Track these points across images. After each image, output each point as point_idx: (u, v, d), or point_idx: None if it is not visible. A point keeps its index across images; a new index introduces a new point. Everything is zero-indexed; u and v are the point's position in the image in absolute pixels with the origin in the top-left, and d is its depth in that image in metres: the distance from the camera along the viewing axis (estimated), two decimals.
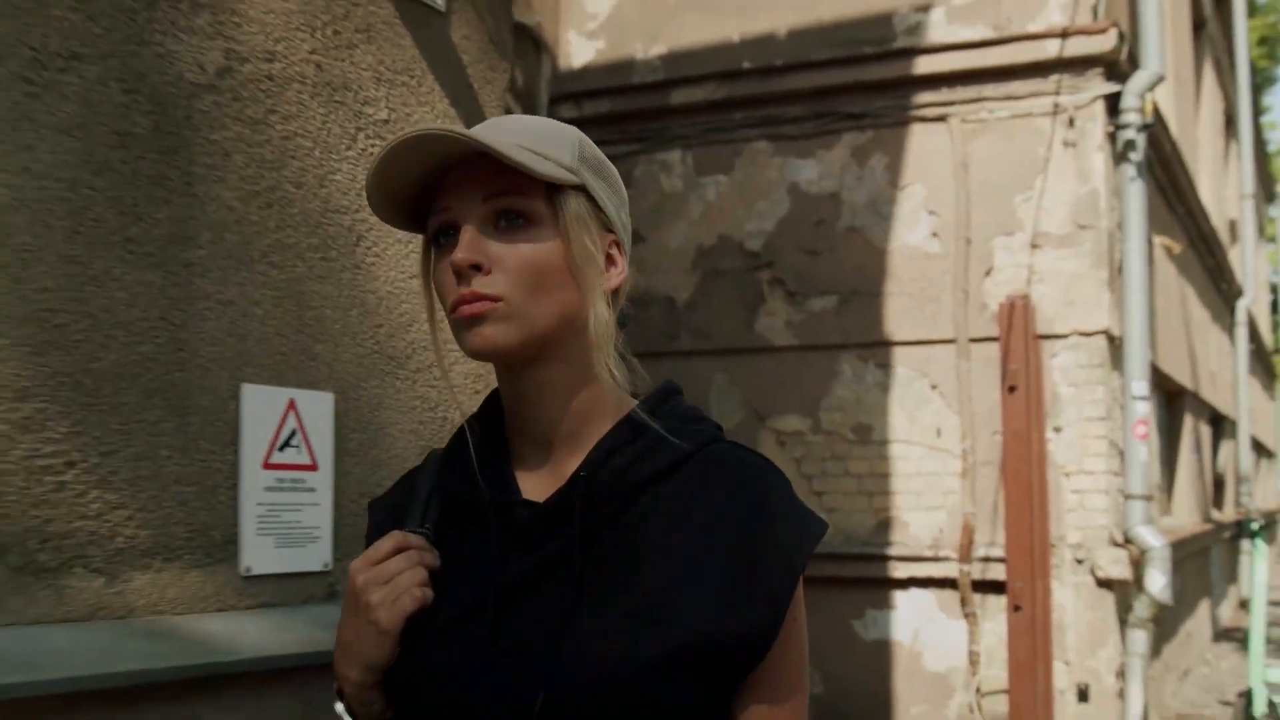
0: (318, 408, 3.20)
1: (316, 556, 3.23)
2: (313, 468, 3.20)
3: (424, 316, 2.00)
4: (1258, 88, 26.52)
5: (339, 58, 3.35)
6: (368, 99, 3.45)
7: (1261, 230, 21.74)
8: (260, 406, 3.04)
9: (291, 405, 3.12)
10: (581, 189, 1.25)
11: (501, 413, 1.33)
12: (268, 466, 3.06)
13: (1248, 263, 16.04)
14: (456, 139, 1.18)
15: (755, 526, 1.23)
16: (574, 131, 1.30)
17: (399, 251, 3.56)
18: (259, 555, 3.04)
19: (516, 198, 1.22)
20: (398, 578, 1.24)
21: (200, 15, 2.91)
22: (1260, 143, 21.99)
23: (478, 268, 1.21)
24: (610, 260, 1.29)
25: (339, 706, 1.31)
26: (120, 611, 2.66)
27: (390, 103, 3.55)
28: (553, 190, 1.23)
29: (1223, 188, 15.94)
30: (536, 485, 1.28)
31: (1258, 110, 21.58)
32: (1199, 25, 14.03)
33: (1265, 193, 23.37)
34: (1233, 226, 16.64)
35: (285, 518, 3.11)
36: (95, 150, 2.65)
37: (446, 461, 1.35)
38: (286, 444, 3.11)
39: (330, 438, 3.26)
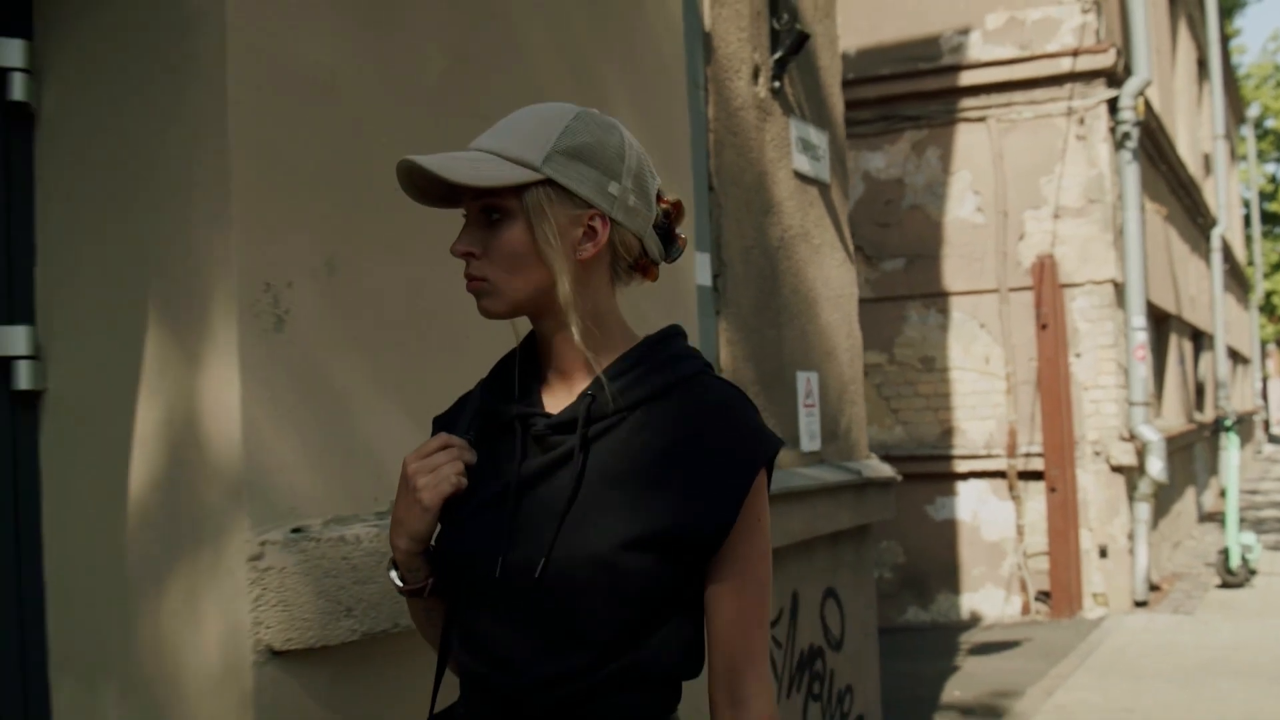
0: None
1: None
2: None
3: None
4: (1227, 11, 29.10)
5: None
6: None
7: (1233, 153, 24.45)
8: None
9: None
10: (546, 182, 1.51)
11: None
12: None
13: (1221, 194, 18.77)
14: (423, 169, 1.49)
15: (718, 440, 1.55)
16: (562, 121, 1.54)
17: None
18: None
19: (493, 198, 1.52)
20: (441, 468, 1.58)
21: None
22: (1229, 72, 24.53)
23: (471, 255, 1.55)
24: (590, 232, 1.54)
25: (392, 573, 1.66)
26: None
27: None
28: (521, 187, 1.50)
29: (1197, 128, 18.62)
30: (557, 403, 1.60)
31: (1226, 37, 24.02)
32: None
33: (1235, 116, 25.98)
34: (1206, 160, 19.36)
35: None
36: None
37: (489, 383, 1.67)
38: None
39: None
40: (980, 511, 10.09)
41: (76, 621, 2.14)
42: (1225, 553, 10.58)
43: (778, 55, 4.06)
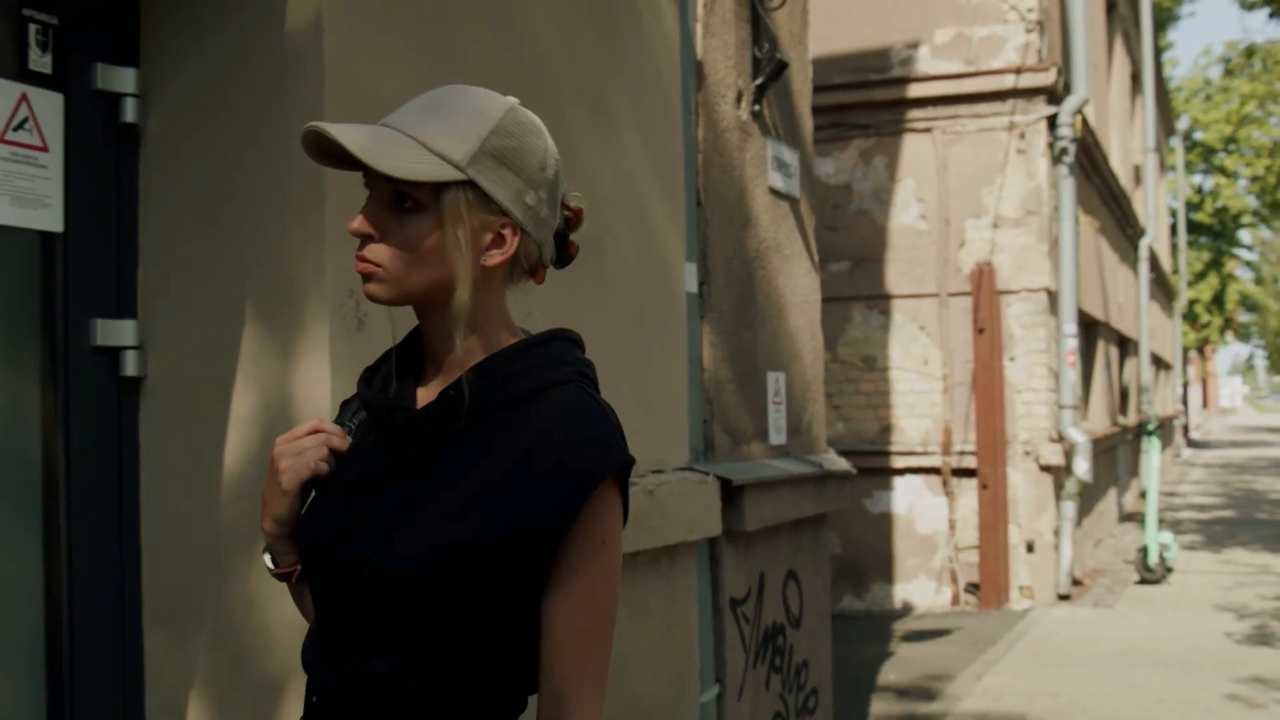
0: None
1: None
2: None
3: None
4: (1160, 24, 29.97)
5: None
6: None
7: (1163, 165, 25.25)
8: None
9: None
10: (466, 183, 1.44)
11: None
12: None
13: (1150, 205, 19.47)
14: (331, 138, 1.41)
15: (553, 450, 1.46)
16: (492, 118, 1.47)
17: None
18: None
19: (409, 185, 1.43)
20: (306, 452, 1.55)
21: None
22: (1161, 85, 25.31)
23: (370, 237, 1.47)
24: (498, 240, 1.48)
25: (265, 555, 1.64)
26: None
27: None
28: (441, 183, 1.43)
29: (1129, 140, 19.29)
30: (431, 397, 1.54)
31: (1158, 50, 24.80)
32: (1111, 7, 17.24)
33: (1166, 128, 26.80)
34: (1137, 172, 20.05)
35: None
36: None
37: (366, 372, 1.63)
38: None
39: None
40: (915, 506, 10.56)
41: (169, 579, 2.46)
42: (1144, 551, 11.14)
43: (759, 81, 4.44)
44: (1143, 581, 11.10)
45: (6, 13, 2.28)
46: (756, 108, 4.42)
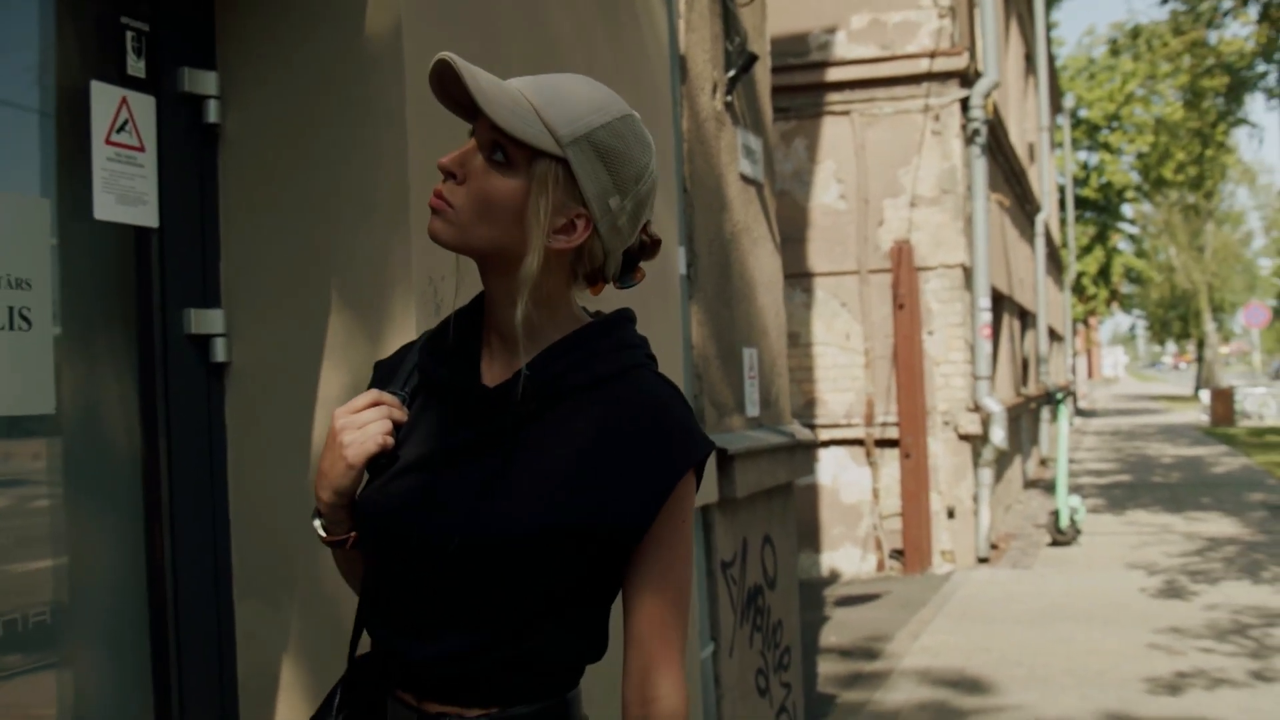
0: None
1: None
2: None
3: None
4: (1047, 4, 30.86)
5: None
6: None
7: (1052, 142, 26.07)
8: None
9: None
10: (561, 160, 1.47)
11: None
12: None
13: (1045, 181, 20.16)
14: (462, 79, 1.45)
15: (647, 437, 1.52)
16: (608, 115, 1.51)
17: None
18: None
19: (509, 140, 1.46)
20: (368, 425, 1.56)
21: None
22: (1050, 64, 26.13)
23: (453, 175, 1.50)
24: (569, 226, 1.51)
25: (316, 522, 1.65)
26: None
27: None
28: (538, 150, 1.47)
29: (1024, 119, 19.94)
30: (496, 373, 1.57)
31: (1047, 26, 25.57)
32: None
33: (1054, 106, 27.67)
34: (1031, 150, 20.72)
35: None
36: None
37: (428, 344, 1.64)
38: None
39: None
40: (840, 476, 10.94)
41: (258, 553, 2.64)
42: (1056, 514, 11.67)
43: (731, 74, 4.68)
44: (1055, 543, 11.63)
45: (107, 21, 2.44)
46: (729, 98, 4.66)
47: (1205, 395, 33.23)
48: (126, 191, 2.44)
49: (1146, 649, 7.34)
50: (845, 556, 10.88)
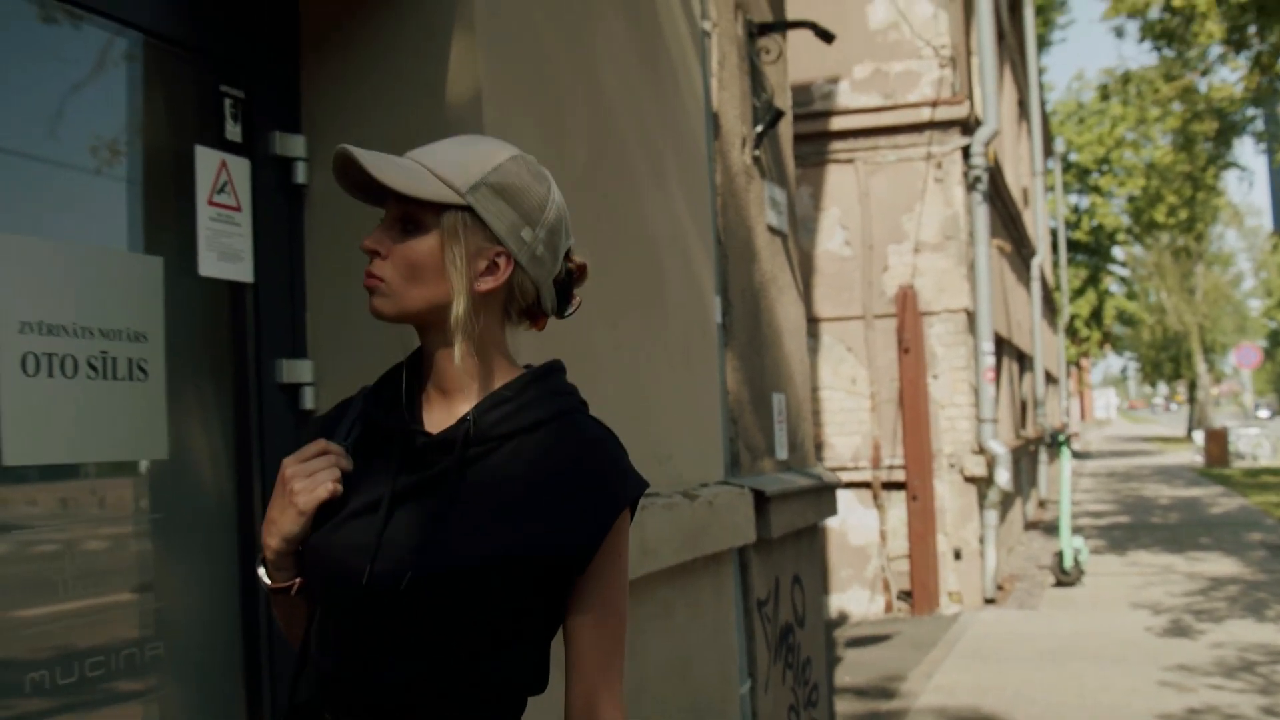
0: None
1: None
2: None
3: None
4: (1038, 49, 31.31)
5: None
6: None
7: (1046, 187, 26.37)
8: None
9: None
10: (466, 209, 1.59)
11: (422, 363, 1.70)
12: None
13: (1039, 225, 20.41)
14: (355, 162, 1.56)
15: (589, 474, 1.64)
16: (497, 159, 1.63)
17: None
18: None
19: (413, 208, 1.59)
20: (318, 473, 1.62)
21: None
22: (1043, 108, 26.49)
23: (377, 253, 1.61)
24: (492, 266, 1.61)
25: (260, 570, 1.71)
26: None
27: None
28: (443, 206, 1.58)
29: (1018, 163, 20.21)
30: (437, 420, 1.66)
31: (1038, 72, 25.97)
32: (1000, 36, 18.11)
33: (1045, 150, 28.02)
34: (1025, 194, 20.99)
35: None
36: None
37: (375, 394, 1.72)
38: None
39: None
40: (848, 519, 11.07)
41: None
42: (1060, 555, 11.79)
43: (759, 129, 4.87)
44: (1059, 584, 11.75)
45: (208, 89, 2.61)
46: (756, 152, 4.85)
47: (1199, 436, 33.41)
48: (226, 249, 2.60)
49: (1157, 686, 7.45)
50: (854, 598, 10.99)
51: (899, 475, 10.88)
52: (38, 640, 2.22)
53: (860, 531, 11.03)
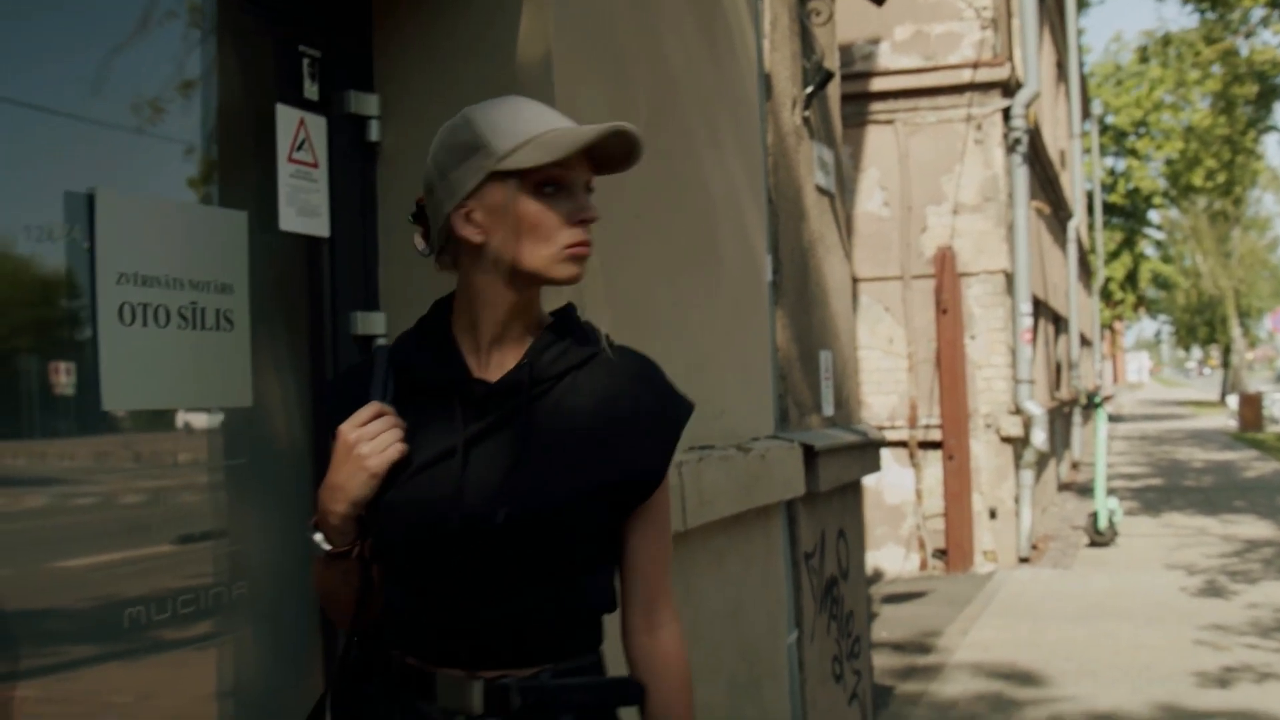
0: None
1: None
2: None
3: None
4: (1077, 10, 31.00)
5: None
6: None
7: (1082, 149, 26.19)
8: None
9: None
10: None
11: (447, 319, 1.79)
12: None
13: (1076, 187, 20.28)
14: (632, 136, 1.70)
15: (649, 401, 1.78)
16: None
17: None
18: None
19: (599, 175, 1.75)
20: (382, 435, 1.68)
21: None
22: (1080, 69, 26.26)
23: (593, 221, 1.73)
24: None
25: (317, 537, 1.75)
26: None
27: None
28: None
29: (1055, 125, 20.07)
30: (488, 367, 1.74)
31: (1077, 33, 25.74)
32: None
33: (1083, 112, 27.79)
34: (1062, 156, 20.85)
35: None
36: None
37: (418, 349, 1.78)
38: None
39: None
40: (884, 477, 11.11)
41: None
42: (1094, 515, 11.81)
43: (809, 90, 4.90)
44: (1093, 544, 11.78)
45: (288, 48, 2.67)
46: (806, 113, 4.88)
47: (1233, 400, 33.21)
48: (304, 204, 2.67)
49: (1192, 645, 7.50)
50: (889, 556, 11.06)
51: (935, 435, 10.92)
52: (133, 580, 2.32)
53: (896, 490, 11.08)
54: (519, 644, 1.70)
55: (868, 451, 5.27)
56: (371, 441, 1.68)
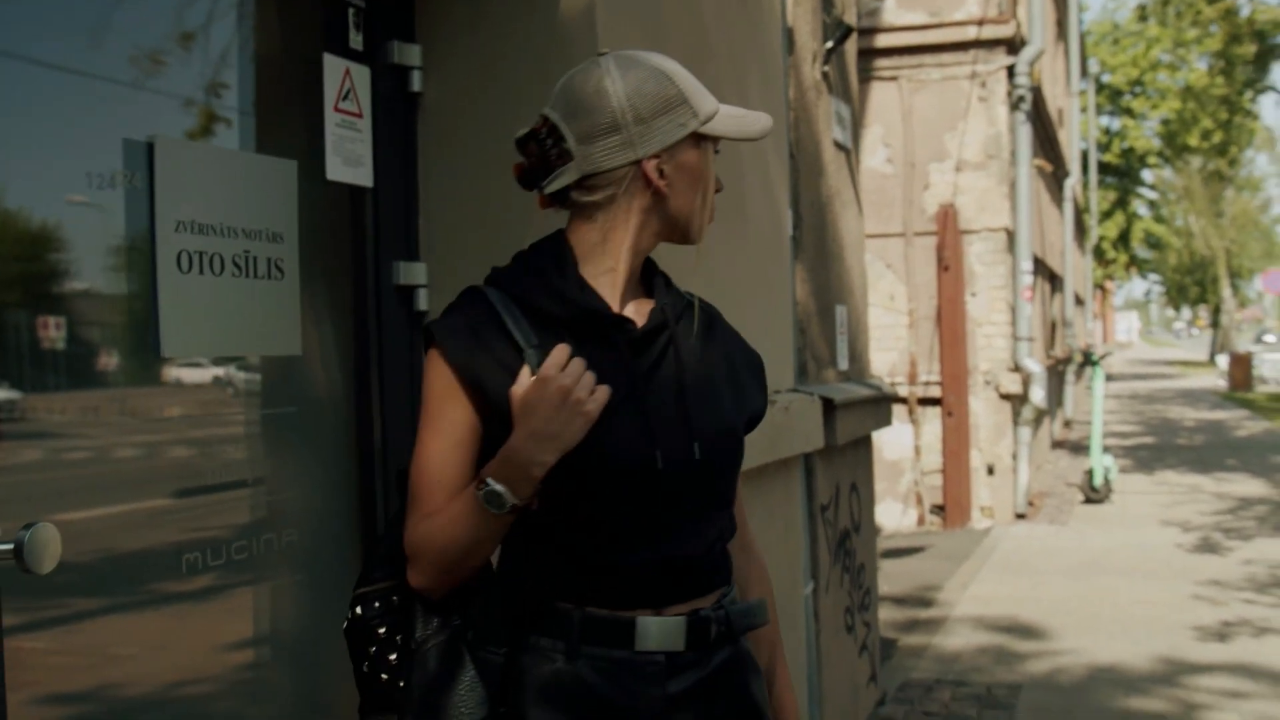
0: None
1: None
2: None
3: None
4: None
5: None
6: None
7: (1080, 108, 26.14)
8: None
9: None
10: None
11: (572, 262, 1.78)
12: None
13: (1073, 146, 20.27)
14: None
15: (742, 344, 1.96)
16: None
17: None
18: None
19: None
20: (586, 378, 1.63)
21: None
22: (1079, 26, 26.18)
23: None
24: None
25: (501, 489, 1.62)
26: None
27: None
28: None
29: (1054, 84, 20.03)
30: (625, 310, 1.79)
31: None
32: None
33: (1081, 70, 27.73)
34: (1060, 114, 20.82)
35: None
36: None
37: (555, 293, 1.74)
38: None
39: None
40: (883, 434, 11.15)
41: None
42: (1090, 473, 11.91)
43: (829, 45, 4.90)
44: (1088, 501, 11.89)
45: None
46: (825, 68, 4.88)
47: (1222, 360, 33.35)
48: (350, 154, 2.68)
49: (1190, 599, 7.60)
50: (887, 511, 11.14)
51: (935, 391, 10.98)
52: (186, 524, 2.35)
53: (895, 446, 11.15)
54: (708, 575, 1.78)
55: (881, 406, 5.32)
56: (586, 387, 1.63)
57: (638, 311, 1.81)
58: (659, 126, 1.73)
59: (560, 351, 1.65)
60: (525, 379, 1.66)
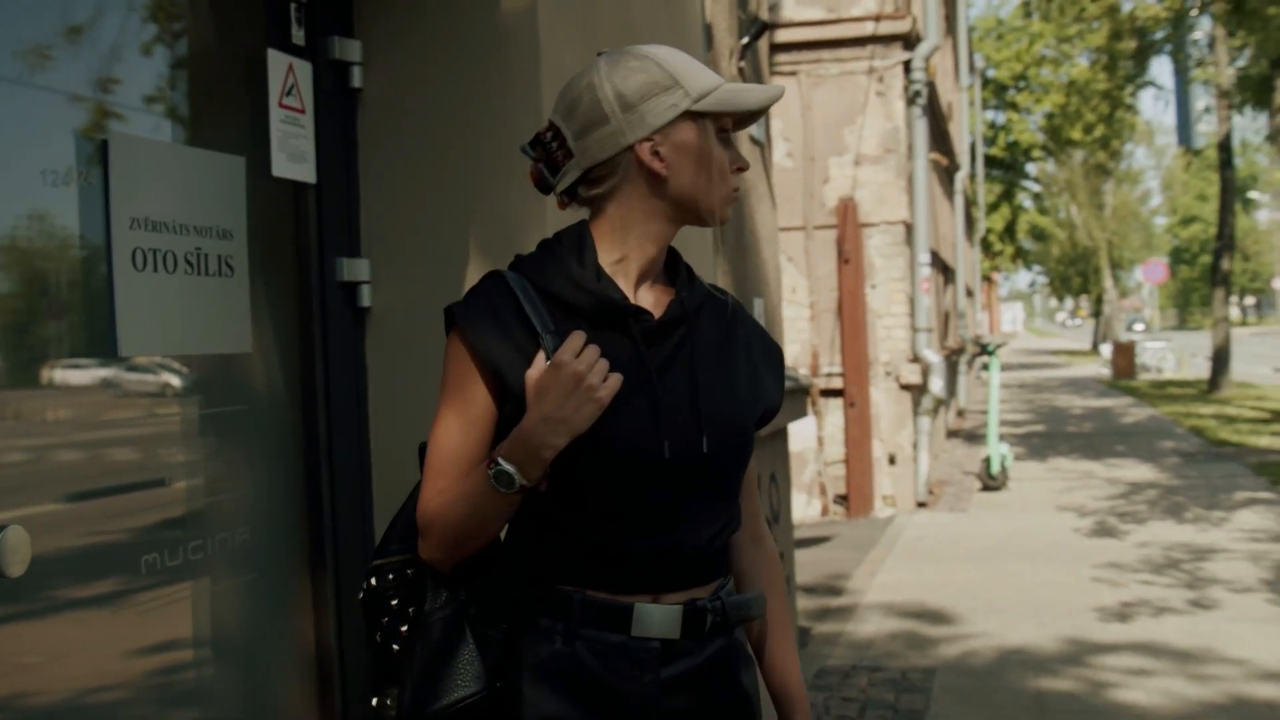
0: None
1: None
2: None
3: None
4: None
5: None
6: None
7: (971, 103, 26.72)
8: None
9: None
10: None
11: (592, 251, 1.80)
12: None
13: (963, 140, 20.73)
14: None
15: (762, 335, 1.98)
16: None
17: None
18: None
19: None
20: (599, 365, 1.66)
21: None
22: (966, 22, 26.75)
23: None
24: None
25: (510, 470, 1.66)
26: None
27: None
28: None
29: (943, 78, 20.46)
30: (635, 302, 1.80)
31: None
32: None
33: (969, 65, 28.33)
34: (949, 108, 21.27)
35: None
36: None
37: (574, 281, 1.77)
38: None
39: None
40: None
41: (394, 476, 2.93)
42: (987, 460, 12.21)
43: (745, 41, 5.00)
44: (986, 489, 12.20)
45: None
46: (741, 64, 4.98)
47: (1106, 349, 34.35)
48: (294, 150, 2.70)
49: (1091, 582, 7.87)
50: (792, 502, 11.30)
51: (837, 383, 11.18)
52: (148, 524, 2.35)
53: (798, 438, 11.32)
54: (708, 566, 1.81)
55: (796, 397, 5.44)
56: (596, 373, 1.66)
57: (657, 302, 1.83)
58: (647, 110, 1.76)
59: (575, 338, 1.68)
60: (540, 363, 1.71)
